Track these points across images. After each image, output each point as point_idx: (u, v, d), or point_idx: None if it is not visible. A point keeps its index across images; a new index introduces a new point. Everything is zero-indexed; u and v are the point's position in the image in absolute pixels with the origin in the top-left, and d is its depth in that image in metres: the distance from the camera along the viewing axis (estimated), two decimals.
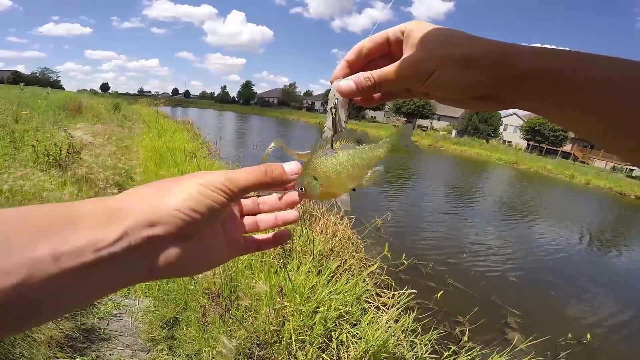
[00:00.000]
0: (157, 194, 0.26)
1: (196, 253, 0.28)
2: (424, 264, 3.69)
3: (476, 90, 0.30)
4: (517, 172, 18.04)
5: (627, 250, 6.46)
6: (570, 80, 0.26)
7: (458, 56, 0.28)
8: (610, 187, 17.25)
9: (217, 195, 0.27)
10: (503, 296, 3.33)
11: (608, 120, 0.25)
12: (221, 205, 0.27)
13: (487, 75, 0.28)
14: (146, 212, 0.24)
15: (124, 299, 2.04)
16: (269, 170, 0.30)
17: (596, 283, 4.38)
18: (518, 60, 0.27)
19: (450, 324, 2.63)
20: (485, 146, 27.39)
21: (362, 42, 0.35)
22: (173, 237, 0.25)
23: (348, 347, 1.83)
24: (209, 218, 0.27)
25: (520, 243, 5.47)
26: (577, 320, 3.20)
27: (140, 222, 0.24)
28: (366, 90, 0.33)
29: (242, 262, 2.19)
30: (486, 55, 0.28)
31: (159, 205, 0.25)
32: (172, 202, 0.25)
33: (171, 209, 0.25)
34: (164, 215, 0.25)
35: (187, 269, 0.29)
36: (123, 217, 0.24)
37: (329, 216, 3.29)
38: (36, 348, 1.45)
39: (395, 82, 0.32)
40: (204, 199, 0.26)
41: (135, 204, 0.25)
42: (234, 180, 0.28)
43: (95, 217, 0.23)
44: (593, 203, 12.69)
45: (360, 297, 2.22)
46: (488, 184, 12.43)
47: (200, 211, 0.26)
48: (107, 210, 0.24)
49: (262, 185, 0.30)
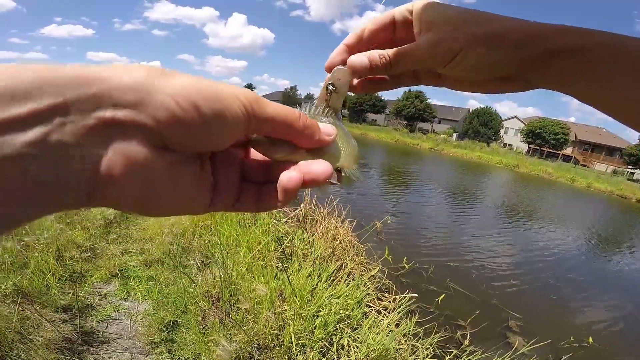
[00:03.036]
0: (153, 71, 0.18)
1: (167, 180, 0.20)
2: (425, 268, 3.67)
3: (502, 70, 0.29)
4: (518, 176, 18.02)
5: (629, 253, 6.43)
6: (600, 58, 0.25)
7: (483, 35, 0.27)
8: (611, 191, 17.23)
9: (233, 103, 0.20)
10: (504, 300, 3.31)
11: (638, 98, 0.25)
12: (231, 119, 0.20)
13: (513, 55, 0.27)
14: (123, 83, 0.17)
15: (124, 302, 2.03)
16: (304, 117, 0.24)
17: (598, 286, 4.35)
18: (546, 38, 0.26)
19: (451, 328, 2.61)
20: (486, 149, 27.42)
21: (363, 23, 0.32)
22: (147, 132, 0.17)
23: (349, 351, 1.81)
24: (208, 128, 0.19)
25: (522, 246, 5.45)
26: (579, 324, 3.18)
27: (102, 95, 0.16)
28: (379, 69, 0.31)
29: (243, 265, 2.19)
30: (512, 33, 0.27)
31: (146, 82, 0.18)
32: (166, 86, 0.18)
33: (164, 94, 0.18)
34: (146, 98, 0.17)
35: (146, 198, 0.20)
36: (68, 84, 0.16)
37: (329, 219, 3.28)
38: (34, 351, 1.45)
39: (414, 62, 0.30)
40: (215, 101, 0.19)
41: (113, 72, 0.17)
42: (261, 102, 0.21)
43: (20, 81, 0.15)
44: (594, 206, 12.67)
45: (361, 301, 2.21)
46: (489, 188, 12.40)
47: (203, 111, 0.19)
48: (52, 71, 0.16)
49: (289, 127, 0.23)
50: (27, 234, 2.16)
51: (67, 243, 2.30)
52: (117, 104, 0.17)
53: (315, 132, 0.25)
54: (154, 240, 2.67)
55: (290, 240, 2.80)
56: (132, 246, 2.62)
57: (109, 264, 2.30)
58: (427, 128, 40.17)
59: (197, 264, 2.45)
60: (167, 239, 2.65)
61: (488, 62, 0.28)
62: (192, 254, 2.58)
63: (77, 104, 0.16)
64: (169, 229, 2.77)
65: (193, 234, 2.85)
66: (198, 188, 0.23)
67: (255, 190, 0.26)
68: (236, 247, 2.51)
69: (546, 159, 29.92)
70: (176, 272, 2.27)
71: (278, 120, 0.22)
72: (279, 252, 2.53)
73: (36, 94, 0.15)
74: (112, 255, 2.43)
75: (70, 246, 2.30)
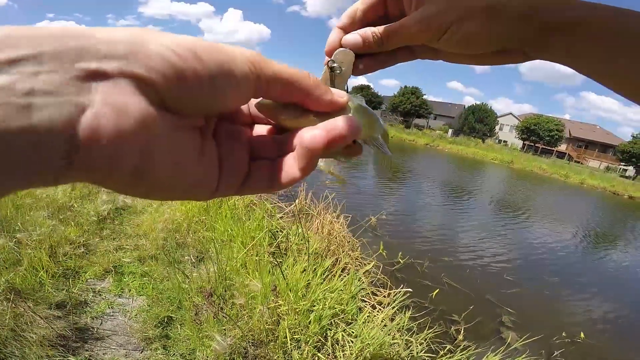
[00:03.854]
0: (148, 29, 0.17)
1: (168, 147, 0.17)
2: (419, 263, 3.70)
3: (500, 44, 0.28)
4: (513, 172, 18.16)
5: (622, 249, 6.53)
6: (605, 32, 0.25)
7: (481, 7, 0.26)
8: (604, 187, 17.46)
9: (238, 57, 0.18)
10: (498, 295, 3.35)
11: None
12: (238, 74, 0.18)
13: (513, 28, 0.26)
14: (112, 37, 0.15)
15: (118, 298, 2.02)
16: (315, 78, 0.23)
17: (590, 282, 4.42)
18: (548, 11, 0.26)
19: (445, 323, 2.64)
20: (481, 145, 27.57)
21: (355, 5, 0.32)
22: (140, 85, 0.15)
23: (344, 346, 1.82)
24: (212, 81, 0.17)
25: (515, 242, 5.51)
26: (571, 319, 3.22)
27: (87, 47, 0.14)
28: (372, 46, 0.30)
29: (237, 260, 2.19)
30: (512, 6, 0.26)
31: (139, 35, 0.16)
32: (163, 38, 0.16)
33: (160, 44, 0.16)
34: (139, 48, 0.15)
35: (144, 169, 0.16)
36: (47, 36, 0.14)
37: (325, 215, 3.29)
38: (28, 348, 1.44)
39: (404, 38, 0.29)
40: (218, 53, 0.17)
41: (102, 29, 0.15)
42: (267, 60, 0.20)
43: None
44: (587, 202, 12.82)
45: (356, 296, 2.22)
46: (483, 183, 12.49)
47: (205, 62, 0.17)
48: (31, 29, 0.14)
49: (299, 85, 0.21)
50: (19, 230, 2.14)
51: (60, 239, 2.28)
52: (104, 56, 0.14)
53: (327, 92, 0.23)
54: (148, 236, 2.66)
55: (285, 236, 2.80)
56: (126, 242, 2.61)
57: (103, 260, 2.28)
58: (423, 124, 40.25)
59: (191, 260, 2.45)
60: (161, 235, 2.64)
61: (485, 36, 0.27)
62: (187, 250, 2.58)
63: (56, 55, 0.14)
64: (162, 224, 2.75)
65: (187, 230, 2.83)
66: (202, 163, 0.20)
67: (267, 165, 0.23)
68: (230, 243, 2.51)
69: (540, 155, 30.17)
70: (170, 268, 2.26)
71: (286, 77, 0.21)
72: (273, 247, 2.53)
73: (8, 44, 0.13)
74: (106, 251, 2.41)
75: (63, 243, 2.28)
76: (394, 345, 1.91)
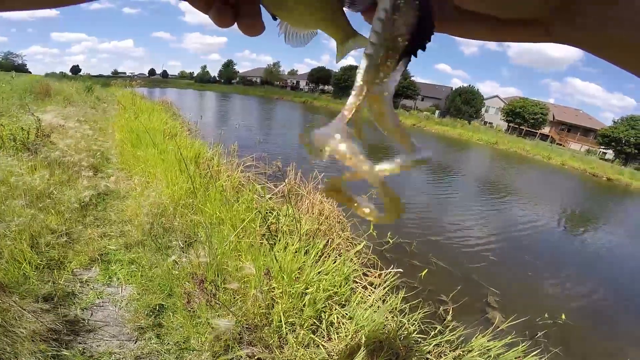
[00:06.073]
0: None
1: None
2: (408, 243, 3.76)
3: (531, 10, 0.23)
4: (497, 152, 18.50)
5: (601, 230, 6.79)
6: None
7: None
8: (584, 169, 18.00)
9: None
10: (483, 275, 3.45)
11: None
12: None
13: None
14: None
15: (106, 288, 1.97)
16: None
17: (571, 262, 4.60)
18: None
19: (434, 303, 2.70)
20: (467, 127, 27.81)
21: None
22: None
23: (338, 328, 1.84)
24: None
25: (500, 222, 5.66)
26: (553, 300, 3.34)
27: None
28: None
29: (228, 244, 2.15)
30: None
31: None
32: None
33: None
34: None
35: None
36: None
37: (315, 194, 3.26)
38: (20, 343, 1.39)
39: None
40: None
41: None
42: None
43: None
44: (568, 183, 13.24)
45: (349, 277, 2.23)
46: (469, 164, 12.70)
47: None
48: None
49: None
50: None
51: (41, 229, 2.18)
52: None
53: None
54: (133, 222, 2.58)
55: (275, 217, 2.77)
56: (111, 229, 2.53)
57: (88, 249, 2.21)
58: (410, 105, 40.18)
59: (180, 245, 2.40)
60: (147, 220, 2.57)
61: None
62: (174, 234, 2.52)
63: None
64: (148, 208, 2.67)
65: (174, 214, 2.76)
66: None
67: None
68: (219, 226, 2.46)
69: (524, 137, 30.71)
70: (159, 254, 2.21)
71: None
72: (264, 229, 2.50)
73: None
74: (90, 239, 2.34)
75: (44, 232, 2.18)
76: (387, 326, 1.94)
